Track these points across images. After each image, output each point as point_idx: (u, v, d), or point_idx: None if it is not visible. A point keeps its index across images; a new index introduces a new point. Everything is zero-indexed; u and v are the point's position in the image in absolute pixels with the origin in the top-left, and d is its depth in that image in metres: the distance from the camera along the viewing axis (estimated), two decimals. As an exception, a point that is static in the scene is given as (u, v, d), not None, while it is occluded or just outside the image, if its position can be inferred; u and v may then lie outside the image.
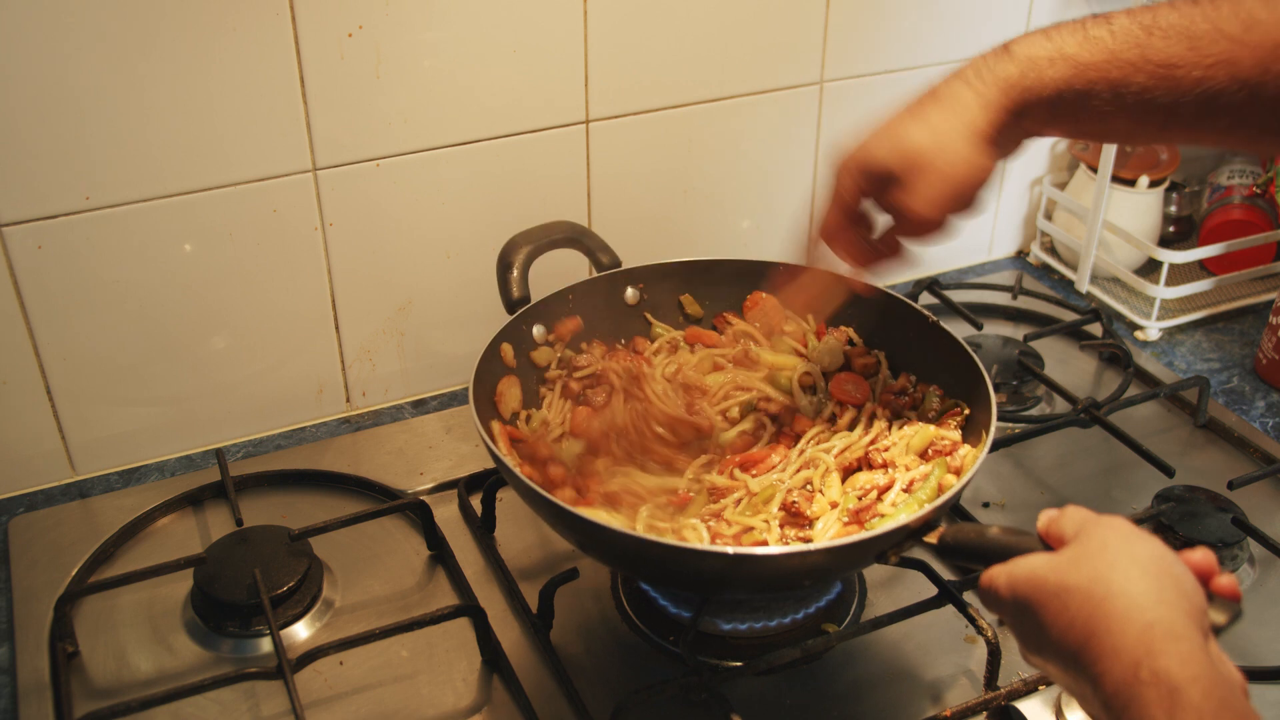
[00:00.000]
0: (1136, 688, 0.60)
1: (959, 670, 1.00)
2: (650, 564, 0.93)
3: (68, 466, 1.22)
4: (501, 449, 0.99)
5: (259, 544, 1.08)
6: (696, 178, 1.39)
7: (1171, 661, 0.60)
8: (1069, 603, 0.66)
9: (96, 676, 0.99)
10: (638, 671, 1.00)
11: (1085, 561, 0.68)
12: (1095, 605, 0.65)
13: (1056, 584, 0.68)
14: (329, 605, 1.06)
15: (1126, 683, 0.61)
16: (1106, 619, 0.64)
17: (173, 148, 1.11)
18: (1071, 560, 0.68)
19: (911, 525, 0.86)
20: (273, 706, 0.96)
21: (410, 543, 1.14)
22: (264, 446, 1.29)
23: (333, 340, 1.29)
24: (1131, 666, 0.61)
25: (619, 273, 1.18)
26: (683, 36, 1.29)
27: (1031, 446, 1.26)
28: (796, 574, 0.91)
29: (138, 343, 1.19)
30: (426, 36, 1.17)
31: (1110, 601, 0.64)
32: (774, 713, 0.96)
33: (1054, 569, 0.69)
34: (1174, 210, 1.65)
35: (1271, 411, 1.35)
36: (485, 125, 1.24)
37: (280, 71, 1.12)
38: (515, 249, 1.14)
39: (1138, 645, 0.62)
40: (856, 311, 1.17)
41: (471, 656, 1.01)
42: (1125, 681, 0.61)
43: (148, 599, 1.06)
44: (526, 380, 1.11)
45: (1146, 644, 0.61)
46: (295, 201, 1.19)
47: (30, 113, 1.04)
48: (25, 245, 1.09)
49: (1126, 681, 0.61)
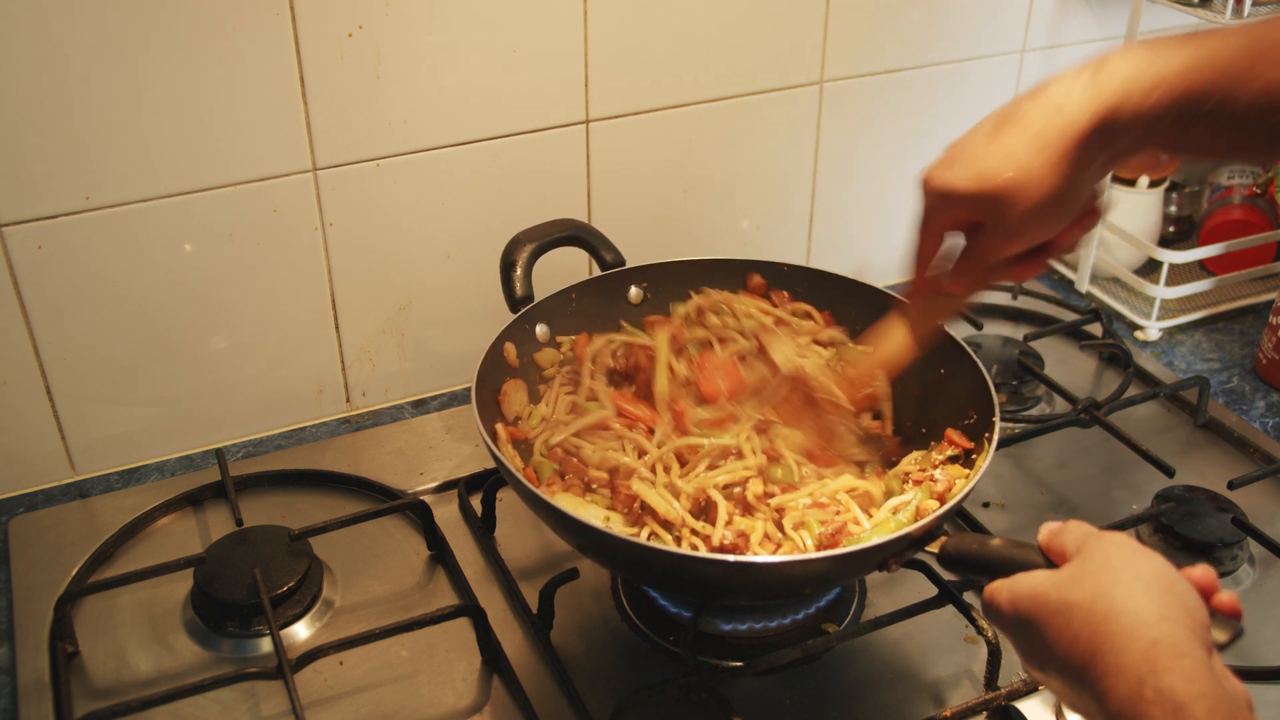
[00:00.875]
0: (1141, 706, 0.60)
1: (959, 670, 1.00)
2: (649, 569, 0.93)
3: (68, 466, 1.23)
4: (505, 453, 0.99)
5: (259, 544, 1.07)
6: (696, 177, 1.39)
7: (1176, 679, 0.60)
8: (1072, 620, 0.66)
9: (96, 676, 0.99)
10: (638, 671, 1.00)
11: (1088, 578, 0.67)
12: (1099, 622, 0.64)
13: (1059, 601, 0.67)
14: (329, 605, 1.07)
15: (1131, 700, 0.61)
16: (1110, 636, 0.63)
17: (173, 148, 1.11)
18: (1074, 577, 0.68)
19: (913, 534, 0.86)
20: (273, 706, 0.96)
21: (410, 543, 1.14)
22: (264, 446, 1.29)
23: (333, 340, 1.29)
24: (1136, 684, 0.61)
25: (622, 271, 1.18)
26: (683, 36, 1.29)
27: (1031, 446, 1.26)
28: (797, 581, 0.91)
29: (138, 343, 1.19)
30: (427, 37, 1.17)
31: (1113, 619, 0.64)
32: (774, 713, 0.96)
33: (1056, 586, 0.68)
34: (1174, 210, 1.65)
35: (1271, 411, 1.35)
36: (485, 125, 1.24)
37: (280, 71, 1.12)
38: (518, 247, 1.13)
39: (1142, 663, 0.61)
40: (858, 312, 1.17)
41: (471, 656, 1.01)
42: (1130, 699, 0.61)
43: (148, 599, 1.06)
44: (531, 382, 1.11)
45: (1151, 661, 0.61)
46: (295, 201, 1.19)
47: (30, 113, 1.05)
48: (25, 245, 1.09)
49: (1131, 699, 0.61)
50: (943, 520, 0.88)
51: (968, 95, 1.51)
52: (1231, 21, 1.34)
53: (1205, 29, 0.79)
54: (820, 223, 1.51)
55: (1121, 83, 0.77)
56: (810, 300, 1.20)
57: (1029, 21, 1.49)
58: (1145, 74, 0.77)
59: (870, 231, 1.56)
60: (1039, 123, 0.79)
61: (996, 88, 1.53)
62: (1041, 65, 1.54)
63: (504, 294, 1.12)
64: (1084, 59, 0.80)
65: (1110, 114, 0.77)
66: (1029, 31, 1.50)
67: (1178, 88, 0.76)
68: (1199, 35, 0.78)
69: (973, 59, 1.49)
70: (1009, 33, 1.49)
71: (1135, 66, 0.77)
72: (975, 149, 0.82)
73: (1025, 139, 0.79)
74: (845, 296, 1.18)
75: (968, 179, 0.82)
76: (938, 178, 0.84)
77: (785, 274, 1.19)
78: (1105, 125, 0.78)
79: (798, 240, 1.51)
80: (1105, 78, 0.78)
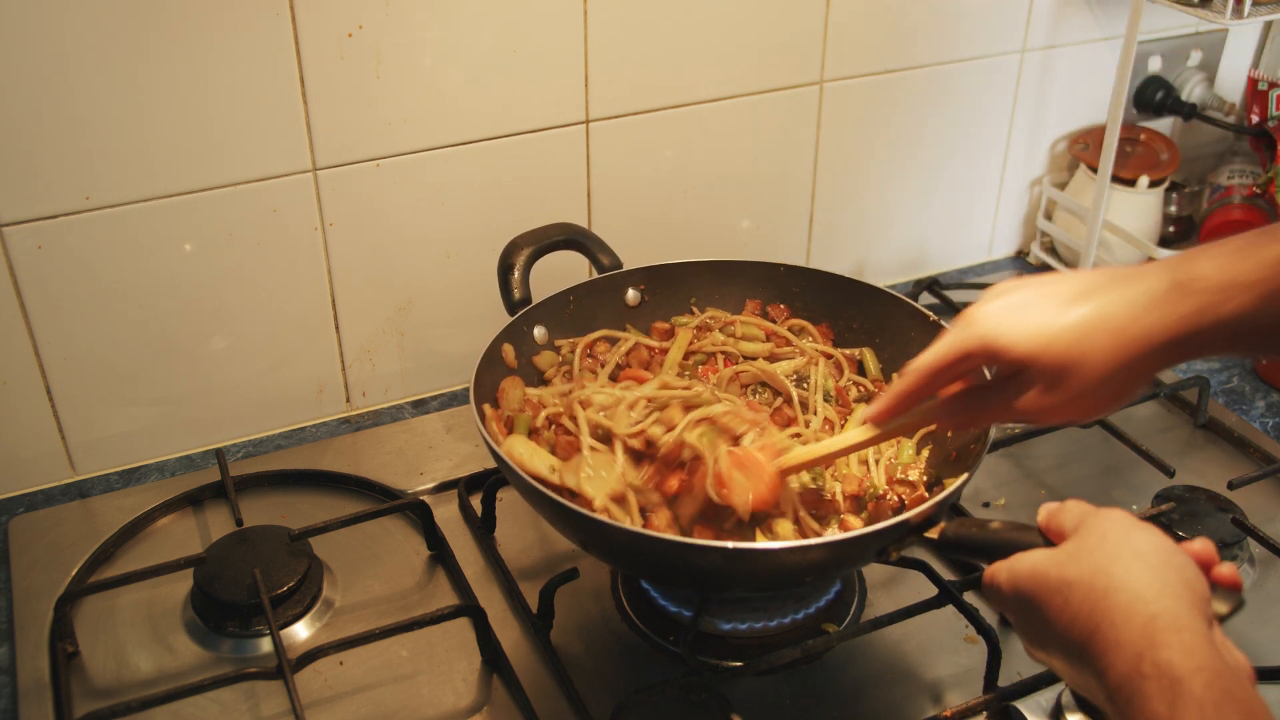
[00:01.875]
0: (1139, 681, 0.60)
1: (959, 670, 1.00)
2: (650, 560, 0.94)
3: (68, 466, 1.23)
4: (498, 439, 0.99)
5: (259, 544, 1.08)
6: (696, 178, 1.39)
7: (1174, 653, 0.60)
8: (1071, 598, 0.66)
9: (96, 676, 0.99)
10: (638, 671, 1.00)
11: (1086, 555, 0.67)
12: (1097, 599, 0.65)
13: (1058, 579, 0.67)
14: (329, 605, 1.07)
15: (1129, 676, 0.61)
16: (1109, 613, 0.64)
17: (172, 148, 1.12)
18: (1072, 554, 0.68)
19: (912, 521, 0.87)
20: (273, 706, 0.97)
21: (410, 543, 1.14)
22: (264, 446, 1.29)
23: (333, 340, 1.29)
24: (1134, 659, 0.61)
25: (620, 274, 1.18)
26: (683, 36, 1.29)
27: (1031, 446, 1.26)
28: (797, 570, 0.91)
29: (138, 343, 1.19)
30: (426, 36, 1.17)
31: (1112, 595, 0.64)
32: (774, 712, 0.96)
33: (1055, 564, 0.68)
34: (1174, 210, 1.65)
35: (1271, 411, 1.36)
36: (485, 125, 1.25)
37: (280, 72, 1.12)
38: (516, 250, 1.14)
39: (1140, 638, 0.61)
40: (858, 312, 1.17)
41: (471, 656, 1.01)
42: (1128, 675, 0.61)
43: (148, 599, 1.06)
44: (529, 381, 1.11)
45: (1149, 636, 0.61)
46: (295, 201, 1.19)
47: (30, 113, 1.05)
48: (25, 245, 1.10)
49: (1129, 675, 0.61)
50: (941, 507, 0.88)
51: (968, 95, 1.51)
52: (1231, 22, 1.34)
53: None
54: (820, 223, 1.51)
55: (1206, 293, 0.73)
56: (810, 301, 1.20)
57: (1029, 21, 1.49)
58: (1224, 278, 0.72)
59: (870, 231, 1.56)
60: (1117, 304, 0.74)
61: (996, 88, 1.53)
62: (1041, 65, 1.54)
63: (502, 297, 1.13)
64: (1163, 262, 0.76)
65: (1193, 321, 0.73)
66: (1029, 31, 1.50)
67: (1257, 288, 0.72)
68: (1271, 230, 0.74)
69: (973, 59, 1.49)
70: (1009, 33, 1.49)
71: (1216, 271, 0.73)
72: (1035, 310, 0.77)
73: (1098, 312, 0.75)
74: (845, 297, 1.18)
75: (1026, 340, 0.76)
76: (987, 330, 0.78)
77: (782, 275, 1.20)
78: (1188, 332, 0.73)
79: (798, 240, 1.51)
80: (1190, 288, 0.73)
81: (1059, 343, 0.75)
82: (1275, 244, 0.73)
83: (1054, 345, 0.75)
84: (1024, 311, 0.77)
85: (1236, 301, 0.72)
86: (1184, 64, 1.63)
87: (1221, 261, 0.73)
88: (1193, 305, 0.73)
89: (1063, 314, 0.76)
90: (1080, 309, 0.75)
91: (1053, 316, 0.76)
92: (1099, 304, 0.75)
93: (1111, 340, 0.74)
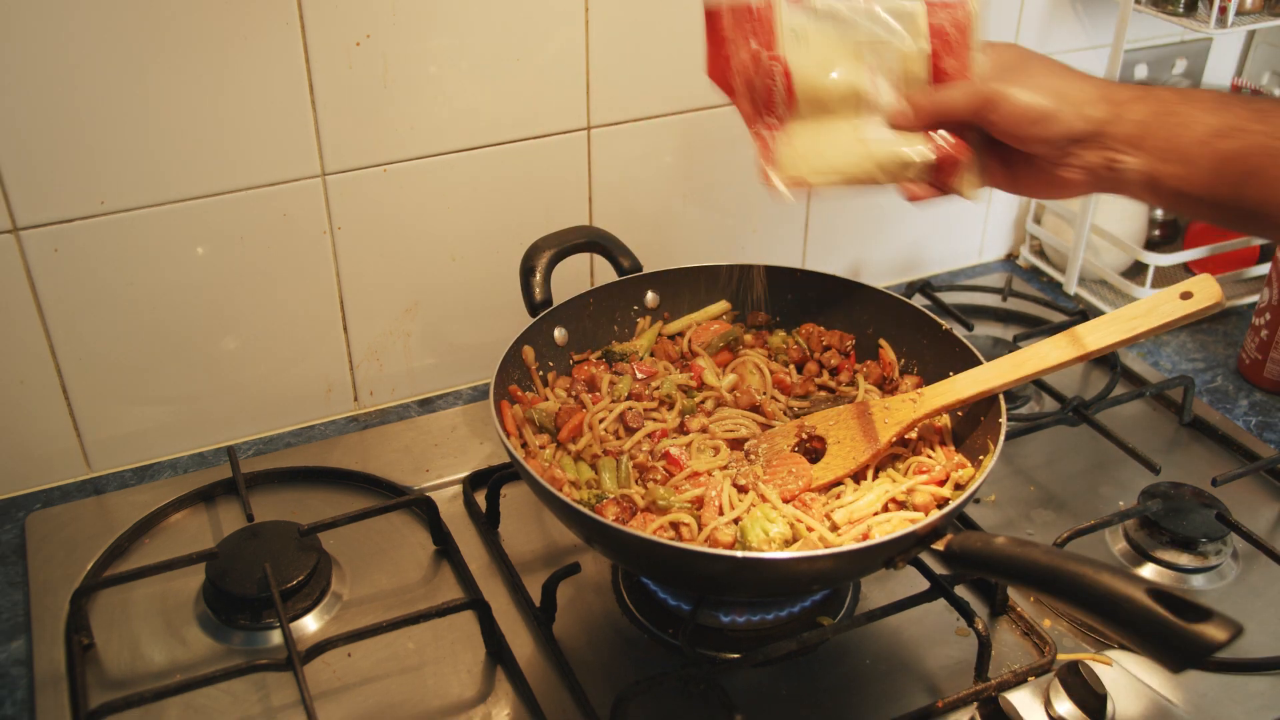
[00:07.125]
0: None
1: (951, 662, 1.01)
2: (655, 563, 0.94)
3: (83, 463, 1.24)
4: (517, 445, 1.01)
5: (269, 539, 1.09)
6: (696, 182, 1.41)
7: None
8: None
9: (111, 668, 1.01)
10: (638, 663, 1.02)
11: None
12: None
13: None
14: (337, 598, 1.08)
15: None
16: None
17: (185, 154, 1.13)
18: None
19: (919, 532, 0.87)
20: (283, 697, 0.98)
21: (416, 538, 1.15)
22: (274, 444, 1.30)
23: (341, 341, 1.31)
24: None
25: (639, 277, 1.19)
26: (682, 44, 1.30)
27: (1021, 444, 1.28)
28: (803, 578, 0.92)
29: (151, 343, 1.20)
30: (432, 45, 1.19)
31: None
32: (771, 703, 0.98)
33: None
34: (1159, 214, 1.67)
35: (1254, 410, 1.38)
36: (489, 131, 1.26)
37: (290, 79, 1.14)
38: (537, 253, 1.15)
39: None
40: (874, 317, 1.18)
41: (476, 649, 1.02)
42: None
43: (161, 593, 1.08)
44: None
45: None
46: (305, 206, 1.21)
47: (46, 120, 1.06)
48: (42, 248, 1.11)
49: None
50: (949, 519, 0.89)
51: (960, 101, 1.52)
52: (1215, 31, 1.36)
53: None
54: (815, 226, 1.52)
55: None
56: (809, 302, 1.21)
57: (1018, 29, 1.51)
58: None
59: (865, 235, 1.57)
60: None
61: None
62: (1032, 72, 1.55)
63: (524, 298, 1.14)
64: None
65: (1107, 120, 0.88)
66: (1018, 39, 1.51)
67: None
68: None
69: (965, 66, 1.50)
70: (1003, 32, 1.50)
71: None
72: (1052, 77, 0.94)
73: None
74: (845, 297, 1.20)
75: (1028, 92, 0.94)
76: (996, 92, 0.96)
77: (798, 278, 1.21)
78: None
79: (793, 243, 1.53)
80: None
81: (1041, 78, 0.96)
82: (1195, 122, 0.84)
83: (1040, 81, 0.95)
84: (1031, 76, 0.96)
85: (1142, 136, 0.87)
86: (1169, 71, 1.65)
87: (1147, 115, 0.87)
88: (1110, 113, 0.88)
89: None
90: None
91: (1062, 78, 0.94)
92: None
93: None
